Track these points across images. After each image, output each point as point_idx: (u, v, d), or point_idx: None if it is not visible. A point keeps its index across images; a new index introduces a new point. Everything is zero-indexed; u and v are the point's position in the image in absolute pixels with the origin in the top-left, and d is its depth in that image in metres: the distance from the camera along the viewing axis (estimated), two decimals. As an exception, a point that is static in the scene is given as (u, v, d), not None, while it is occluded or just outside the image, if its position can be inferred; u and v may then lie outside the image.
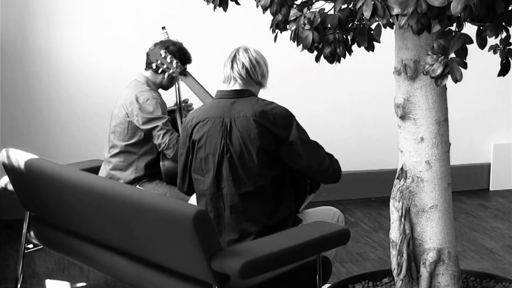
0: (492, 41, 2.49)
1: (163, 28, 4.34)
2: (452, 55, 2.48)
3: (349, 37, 2.80)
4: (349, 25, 2.78)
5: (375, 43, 2.80)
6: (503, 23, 2.47)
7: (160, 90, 4.32)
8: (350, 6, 2.67)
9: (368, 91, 5.88)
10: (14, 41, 5.25)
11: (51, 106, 5.40)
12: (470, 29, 2.49)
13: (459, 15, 2.29)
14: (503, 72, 2.62)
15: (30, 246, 4.08)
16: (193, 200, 3.90)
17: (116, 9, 5.40)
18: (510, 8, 2.45)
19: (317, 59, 2.87)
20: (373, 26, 2.73)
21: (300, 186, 3.55)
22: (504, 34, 2.51)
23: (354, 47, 2.83)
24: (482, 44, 2.48)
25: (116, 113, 4.26)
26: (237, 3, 2.93)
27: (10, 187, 3.95)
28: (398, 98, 2.93)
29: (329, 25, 2.70)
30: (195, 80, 4.19)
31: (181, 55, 4.24)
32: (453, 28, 2.48)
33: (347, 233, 3.23)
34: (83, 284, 4.37)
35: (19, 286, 4.02)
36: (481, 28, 2.46)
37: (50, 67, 5.36)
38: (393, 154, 3.37)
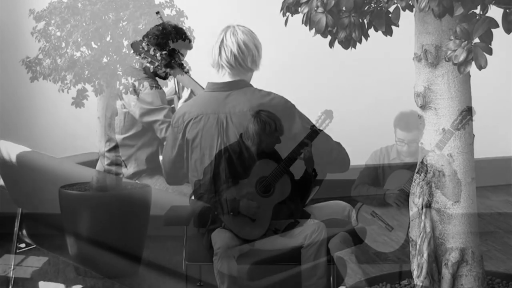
0: (519, 24, 2.49)
1: (157, 13, 4.32)
2: (476, 40, 2.47)
3: (365, 20, 2.80)
4: (366, 8, 2.78)
5: (393, 27, 2.79)
6: (532, 6, 2.46)
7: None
8: (366, -13, 2.67)
9: (386, 78, 5.87)
10: (6, 27, 5.25)
11: (46, 96, 5.40)
12: (495, 12, 2.48)
13: (484, -4, 2.29)
14: (531, 58, 2.62)
15: (22, 245, 4.09)
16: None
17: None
18: (539, -11, 2.44)
19: (331, 44, 2.86)
20: (391, 9, 2.72)
21: (304, 178, 3.53)
22: (532, 18, 2.50)
23: (371, 31, 2.83)
24: (508, 28, 2.47)
25: (110, 103, 4.25)
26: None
27: (0, 181, 3.96)
28: (418, 86, 2.93)
29: (343, 8, 2.69)
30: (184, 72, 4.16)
31: (178, 33, 4.20)
32: (477, 11, 2.48)
33: (364, 231, 3.24)
34: (79, 286, 4.38)
35: (10, 288, 4.05)
36: (507, 11, 2.45)
37: (44, 53, 5.37)
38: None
